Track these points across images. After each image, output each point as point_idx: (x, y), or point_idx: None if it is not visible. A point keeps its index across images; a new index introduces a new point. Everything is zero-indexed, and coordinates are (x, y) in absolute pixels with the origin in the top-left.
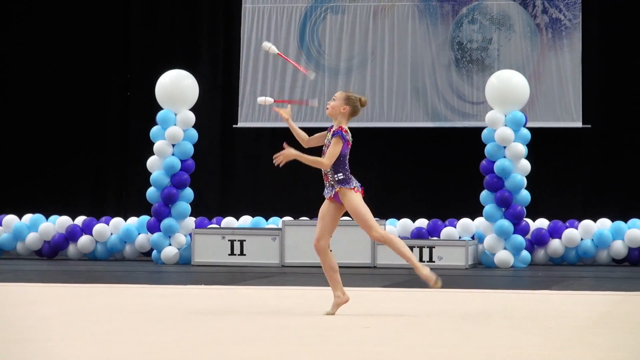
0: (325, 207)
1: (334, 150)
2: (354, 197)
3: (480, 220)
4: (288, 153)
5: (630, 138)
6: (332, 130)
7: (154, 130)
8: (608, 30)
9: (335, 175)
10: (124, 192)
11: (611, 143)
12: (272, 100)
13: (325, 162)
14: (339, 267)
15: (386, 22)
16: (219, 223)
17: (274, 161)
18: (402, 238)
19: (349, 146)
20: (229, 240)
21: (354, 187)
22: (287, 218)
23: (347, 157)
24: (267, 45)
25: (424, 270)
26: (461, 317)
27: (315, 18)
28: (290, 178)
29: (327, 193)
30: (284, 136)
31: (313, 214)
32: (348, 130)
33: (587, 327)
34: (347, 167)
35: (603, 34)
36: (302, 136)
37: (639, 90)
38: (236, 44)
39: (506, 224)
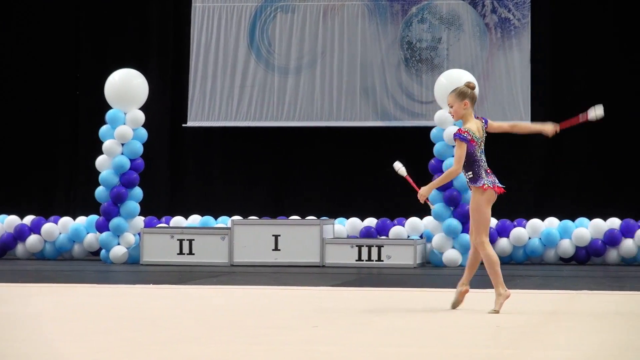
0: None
1: (458, 153)
2: (476, 197)
3: (428, 219)
4: (423, 193)
5: (577, 137)
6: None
7: (103, 129)
8: (557, 29)
9: (467, 174)
10: (72, 191)
11: (559, 142)
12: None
13: (453, 169)
14: (286, 265)
15: (336, 21)
16: (167, 222)
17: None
18: (351, 237)
19: (474, 143)
20: (177, 240)
21: (483, 184)
22: (236, 217)
23: (476, 154)
24: (398, 165)
25: (501, 296)
26: (409, 316)
27: (265, 17)
28: (239, 177)
29: None
30: (234, 135)
31: (262, 213)
32: (469, 130)
33: (535, 325)
34: (477, 164)
35: (552, 34)
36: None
37: (587, 89)
38: (186, 43)
39: (455, 223)
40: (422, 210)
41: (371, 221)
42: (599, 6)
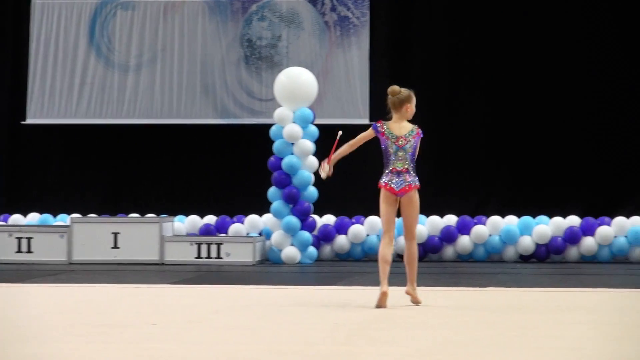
0: None
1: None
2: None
3: (268, 216)
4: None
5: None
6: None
7: None
8: (395, 28)
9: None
10: None
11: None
12: (327, 167)
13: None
14: (125, 263)
15: (176, 18)
16: (5, 220)
17: None
18: (190, 235)
19: (384, 137)
20: (16, 238)
21: (379, 182)
22: (76, 215)
23: (388, 151)
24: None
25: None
26: (248, 313)
27: (105, 14)
28: (79, 175)
29: None
30: (73, 132)
31: (101, 211)
32: (385, 124)
33: (370, 321)
34: (387, 162)
35: (390, 32)
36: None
37: (424, 86)
38: (25, 39)
39: (293, 220)
40: (261, 208)
41: (210, 219)
42: (436, 5)
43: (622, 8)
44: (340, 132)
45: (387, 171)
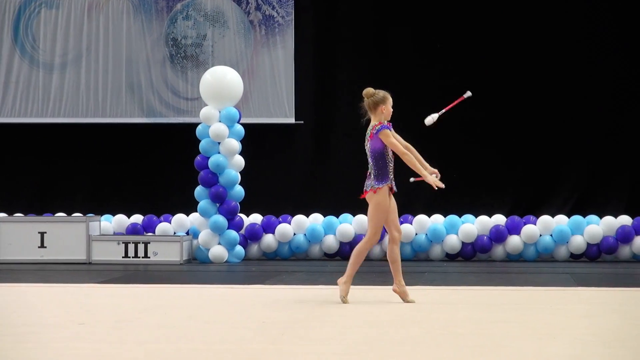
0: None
1: (389, 141)
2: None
3: (195, 215)
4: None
5: (340, 134)
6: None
7: None
8: (320, 27)
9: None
10: None
11: (323, 139)
12: (436, 116)
13: (401, 154)
14: (52, 263)
15: (101, 17)
16: None
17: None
18: (117, 234)
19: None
20: None
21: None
22: (1, 214)
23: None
24: (430, 119)
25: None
26: (176, 312)
27: (29, 13)
28: (4, 174)
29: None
30: None
31: (28, 210)
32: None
33: (300, 320)
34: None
35: (315, 31)
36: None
37: (348, 86)
38: None
39: (220, 219)
40: (188, 208)
41: (137, 218)
42: (363, 4)
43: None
44: (469, 93)
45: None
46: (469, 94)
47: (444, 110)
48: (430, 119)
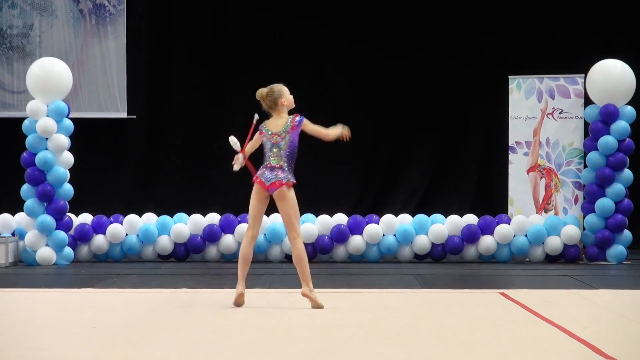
0: None
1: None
2: None
3: (21, 215)
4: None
5: (175, 130)
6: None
7: None
8: (153, 16)
9: None
10: None
11: (156, 135)
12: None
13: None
14: None
15: None
16: None
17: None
18: None
19: (263, 135)
20: None
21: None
22: None
23: (265, 147)
24: (234, 140)
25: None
26: (3, 318)
27: None
28: None
29: None
30: None
31: None
32: (265, 123)
33: (131, 325)
34: (264, 157)
35: (149, 21)
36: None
37: (183, 79)
38: None
39: (48, 219)
40: (14, 207)
41: None
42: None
43: None
44: (256, 116)
45: (262, 166)
46: (256, 117)
47: (246, 146)
48: (237, 165)
